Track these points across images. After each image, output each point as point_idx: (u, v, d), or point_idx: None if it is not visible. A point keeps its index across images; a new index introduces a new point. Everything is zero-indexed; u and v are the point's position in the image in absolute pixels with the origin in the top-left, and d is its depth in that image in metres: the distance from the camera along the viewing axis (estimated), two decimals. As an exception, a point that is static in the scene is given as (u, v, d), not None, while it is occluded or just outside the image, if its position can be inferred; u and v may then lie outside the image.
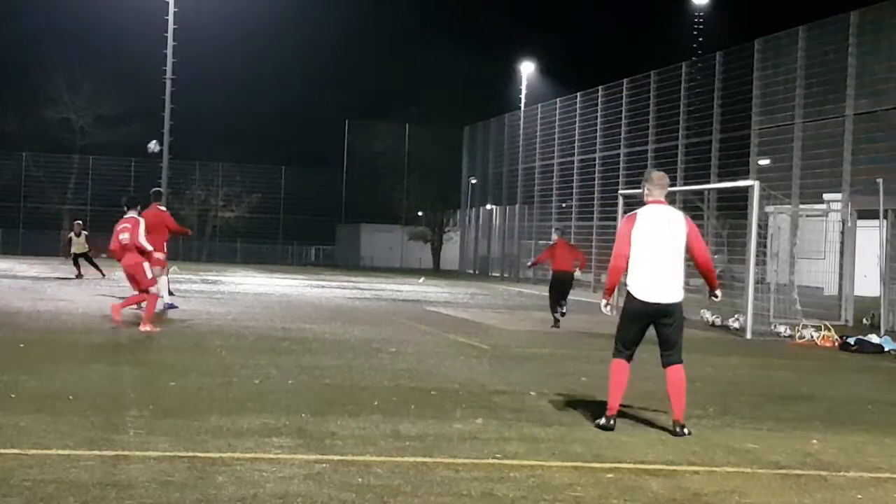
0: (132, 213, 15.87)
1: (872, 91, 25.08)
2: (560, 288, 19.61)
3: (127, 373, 10.79)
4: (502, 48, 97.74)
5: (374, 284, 35.00)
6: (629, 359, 8.66)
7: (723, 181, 28.33)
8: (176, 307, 19.22)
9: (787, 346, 18.21)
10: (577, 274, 19.96)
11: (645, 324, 8.57)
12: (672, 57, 41.50)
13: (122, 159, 60.11)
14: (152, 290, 15.54)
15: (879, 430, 9.32)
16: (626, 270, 8.60)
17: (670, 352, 8.55)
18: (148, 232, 16.13)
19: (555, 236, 20.72)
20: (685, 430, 8.41)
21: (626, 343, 8.61)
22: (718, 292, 9.19)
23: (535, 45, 79.61)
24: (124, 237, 15.53)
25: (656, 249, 8.43)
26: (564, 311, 19.64)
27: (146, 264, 15.64)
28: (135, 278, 15.57)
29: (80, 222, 32.78)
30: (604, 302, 9.08)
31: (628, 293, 8.54)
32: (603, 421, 8.59)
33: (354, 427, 8.19)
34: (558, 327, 19.28)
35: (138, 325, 15.14)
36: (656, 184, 8.69)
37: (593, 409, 9.71)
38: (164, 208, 19.11)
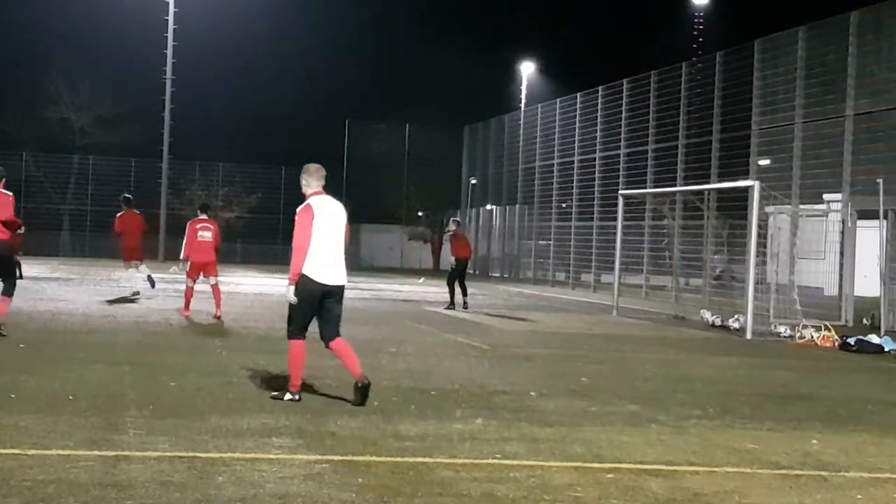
0: (205, 216, 18.19)
1: (872, 91, 25.04)
2: (462, 275, 23.08)
3: (127, 373, 10.79)
4: (502, 48, 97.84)
5: (374, 284, 34.95)
6: (304, 338, 9.30)
7: (723, 181, 28.25)
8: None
9: (787, 346, 18.20)
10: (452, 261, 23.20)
11: (319, 305, 9.24)
12: (672, 57, 41.50)
13: (122, 159, 59.99)
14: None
15: (879, 430, 9.32)
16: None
17: (336, 328, 9.32)
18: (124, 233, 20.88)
19: (452, 227, 23.58)
20: (367, 380, 9.19)
21: (305, 324, 9.29)
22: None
23: (535, 45, 79.70)
24: (206, 235, 17.74)
25: (331, 237, 9.28)
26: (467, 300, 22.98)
27: None
28: (211, 270, 17.92)
29: None
30: (293, 290, 9.25)
31: (307, 278, 9.13)
32: (293, 396, 9.19)
33: (354, 427, 8.19)
34: (454, 309, 22.38)
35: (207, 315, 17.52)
36: (314, 175, 9.46)
37: (594, 408, 9.73)
38: (137, 212, 21.91)
